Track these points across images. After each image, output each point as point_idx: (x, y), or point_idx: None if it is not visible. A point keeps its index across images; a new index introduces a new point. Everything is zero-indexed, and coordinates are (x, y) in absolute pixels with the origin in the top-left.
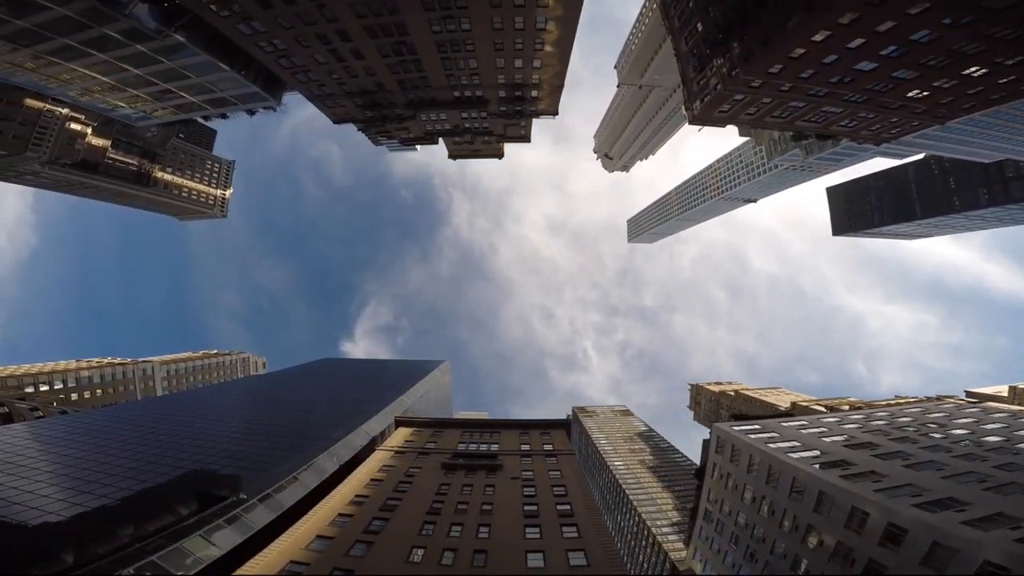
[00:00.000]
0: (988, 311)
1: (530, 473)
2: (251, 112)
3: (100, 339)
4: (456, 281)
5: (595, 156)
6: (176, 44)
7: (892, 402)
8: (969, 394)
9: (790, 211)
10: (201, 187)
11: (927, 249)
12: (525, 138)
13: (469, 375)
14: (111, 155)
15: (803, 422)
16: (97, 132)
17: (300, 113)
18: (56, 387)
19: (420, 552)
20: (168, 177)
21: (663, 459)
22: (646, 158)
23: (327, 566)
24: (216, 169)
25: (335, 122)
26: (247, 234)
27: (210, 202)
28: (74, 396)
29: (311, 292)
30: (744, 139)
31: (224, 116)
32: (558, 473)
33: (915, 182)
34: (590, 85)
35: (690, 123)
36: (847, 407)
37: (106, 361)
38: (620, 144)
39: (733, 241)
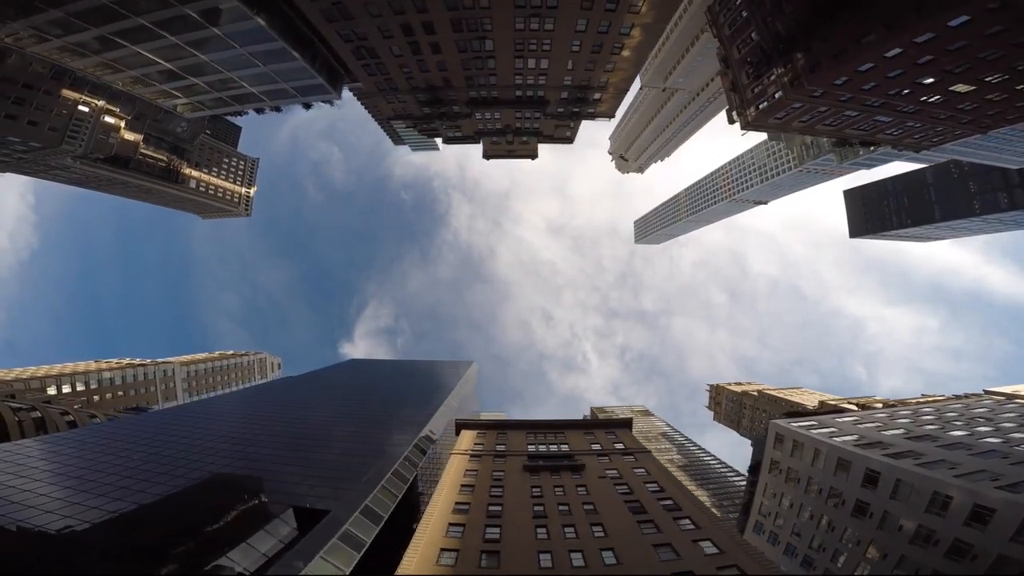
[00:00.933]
0: (989, 314)
1: (615, 471)
2: (307, 106)
3: (100, 340)
4: (456, 283)
5: (610, 158)
6: (252, 29)
7: (922, 400)
8: (988, 393)
9: (791, 214)
10: (227, 184)
11: (928, 252)
12: (569, 139)
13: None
14: (143, 150)
15: (855, 418)
16: (129, 126)
17: (300, 114)
18: (79, 389)
19: (547, 556)
20: (196, 174)
21: (692, 458)
22: (663, 160)
23: None
24: (241, 167)
25: (387, 119)
26: (247, 235)
27: (235, 200)
28: (96, 398)
29: (311, 294)
30: (757, 142)
31: (278, 109)
32: (643, 470)
33: (934, 185)
34: None
35: (742, 128)
36: (879, 405)
37: (126, 362)
38: (638, 146)
39: (733, 244)
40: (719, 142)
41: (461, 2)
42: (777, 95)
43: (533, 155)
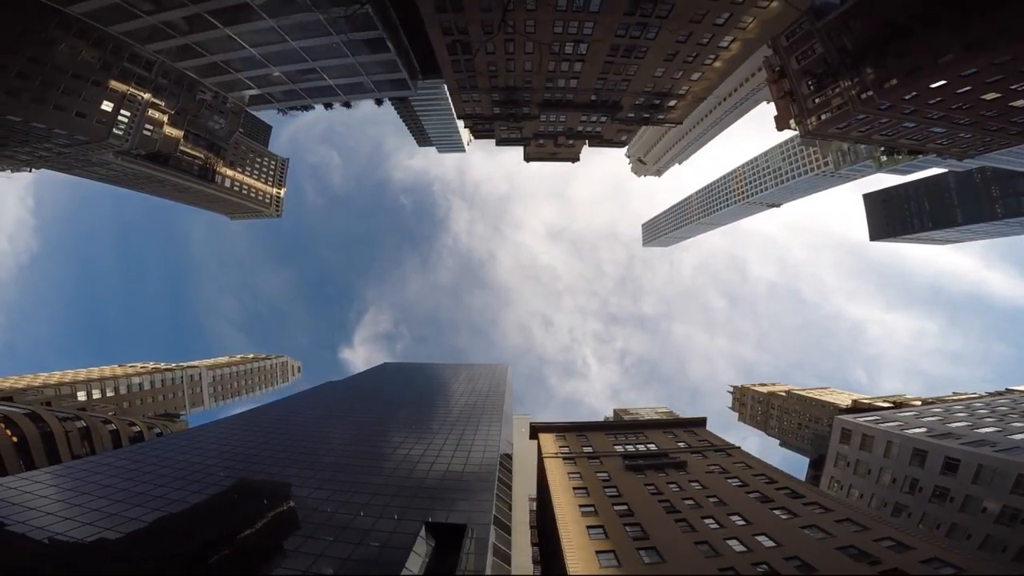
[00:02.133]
0: (988, 318)
1: (717, 466)
2: (379, 101)
3: (100, 344)
4: (455, 288)
5: (627, 161)
6: (357, 16)
7: (954, 397)
8: (1009, 390)
9: (791, 218)
10: (259, 184)
11: (928, 257)
12: (624, 143)
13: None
14: (182, 147)
15: (913, 413)
16: (172, 122)
17: (300, 117)
18: (108, 394)
19: (705, 547)
20: (230, 173)
21: None
22: (680, 163)
23: None
24: (272, 166)
25: (460, 117)
26: (247, 240)
27: (266, 200)
28: (125, 404)
29: (310, 299)
30: (772, 145)
31: (348, 105)
32: (742, 464)
33: (956, 190)
34: None
35: (802, 136)
36: (918, 403)
37: (151, 366)
38: (658, 149)
39: (733, 248)
40: (730, 146)
41: (571, 5)
42: (842, 107)
43: (575, 158)
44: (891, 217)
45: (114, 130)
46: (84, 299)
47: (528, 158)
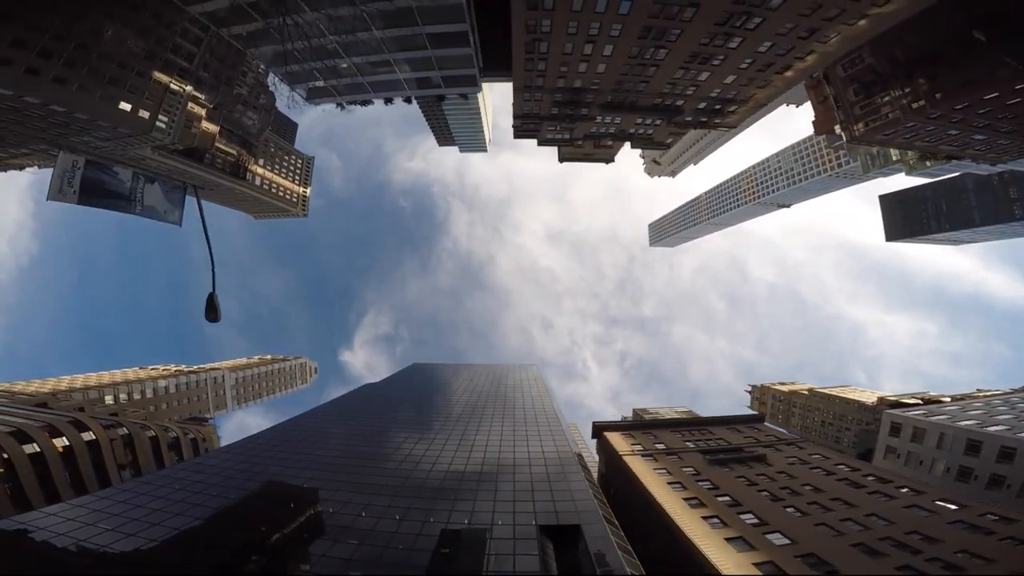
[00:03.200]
0: (988, 319)
1: (795, 458)
2: (441, 98)
3: (101, 347)
4: (455, 291)
5: (641, 162)
6: (451, 6)
7: (979, 394)
8: None
9: (791, 220)
10: (286, 183)
11: (928, 258)
12: (668, 146)
13: None
14: (217, 143)
15: (958, 407)
16: (209, 117)
17: (299, 119)
18: (135, 397)
19: (824, 528)
20: (260, 171)
21: None
22: (696, 164)
23: (794, 567)
24: (298, 165)
25: (517, 117)
26: (246, 242)
27: (293, 200)
28: (152, 408)
29: (310, 301)
30: (783, 146)
31: (409, 101)
32: (818, 455)
33: (974, 191)
34: None
35: (848, 142)
36: (947, 399)
37: (173, 369)
38: (674, 150)
39: (733, 250)
40: (735, 147)
41: (664, 11)
42: (892, 115)
43: (611, 159)
44: (908, 218)
45: (157, 123)
46: (84, 301)
47: (563, 159)
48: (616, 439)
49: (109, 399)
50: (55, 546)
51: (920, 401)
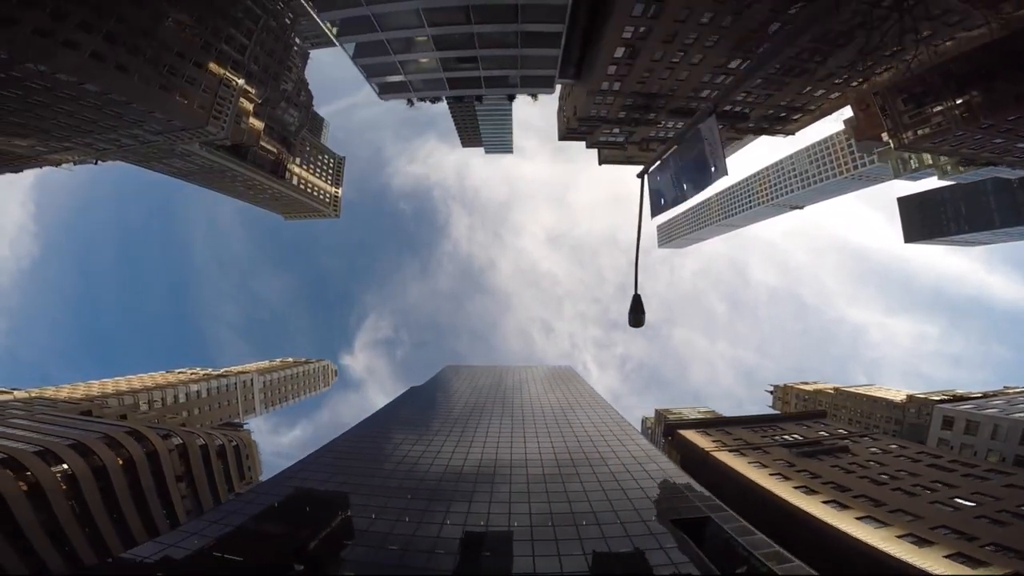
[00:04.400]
0: (989, 321)
1: (876, 448)
2: (511, 98)
3: (102, 350)
4: (455, 294)
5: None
6: (555, 5)
7: (1011, 390)
8: None
9: (791, 223)
10: (320, 183)
11: (929, 261)
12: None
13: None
14: (262, 140)
15: (1004, 400)
16: (255, 112)
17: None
18: (168, 403)
19: (938, 506)
20: (297, 170)
21: None
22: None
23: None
24: (330, 164)
25: (580, 119)
26: (246, 245)
27: (326, 200)
28: (184, 413)
29: (311, 304)
30: (797, 148)
31: (478, 100)
32: (896, 445)
33: (993, 194)
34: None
35: (896, 149)
36: (979, 395)
37: (201, 373)
38: None
39: (734, 253)
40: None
41: (764, 26)
42: (943, 124)
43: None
44: (926, 220)
45: (212, 117)
46: (86, 304)
47: (604, 161)
48: (694, 436)
49: (144, 405)
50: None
51: (950, 398)
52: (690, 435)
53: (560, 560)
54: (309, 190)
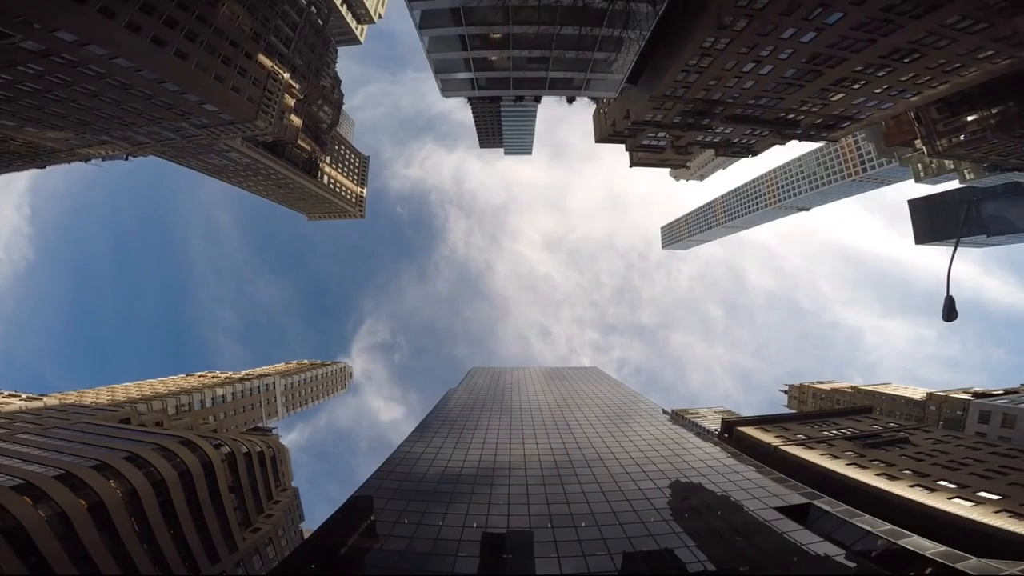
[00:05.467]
0: (986, 324)
1: (931, 439)
2: (571, 100)
3: (99, 354)
4: (453, 299)
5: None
6: (642, 13)
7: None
8: None
9: (791, 227)
10: (347, 182)
11: (926, 264)
12: (756, 153)
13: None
14: (301, 137)
15: None
16: (295, 109)
17: None
18: (195, 408)
19: (1016, 487)
20: (328, 168)
21: None
22: (725, 168)
23: None
24: (356, 163)
25: (635, 122)
26: (243, 250)
27: (352, 199)
28: (211, 418)
29: (308, 309)
30: (805, 151)
31: (537, 100)
32: (949, 436)
33: (1005, 196)
34: (584, 104)
35: (929, 155)
36: (1000, 391)
37: (223, 376)
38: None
39: (730, 258)
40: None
41: (841, 42)
42: (978, 132)
43: (683, 165)
44: (937, 222)
45: (260, 111)
46: (81, 308)
47: (635, 163)
48: (756, 432)
49: (171, 411)
50: None
51: (974, 395)
52: (751, 431)
53: (692, 551)
54: (338, 189)
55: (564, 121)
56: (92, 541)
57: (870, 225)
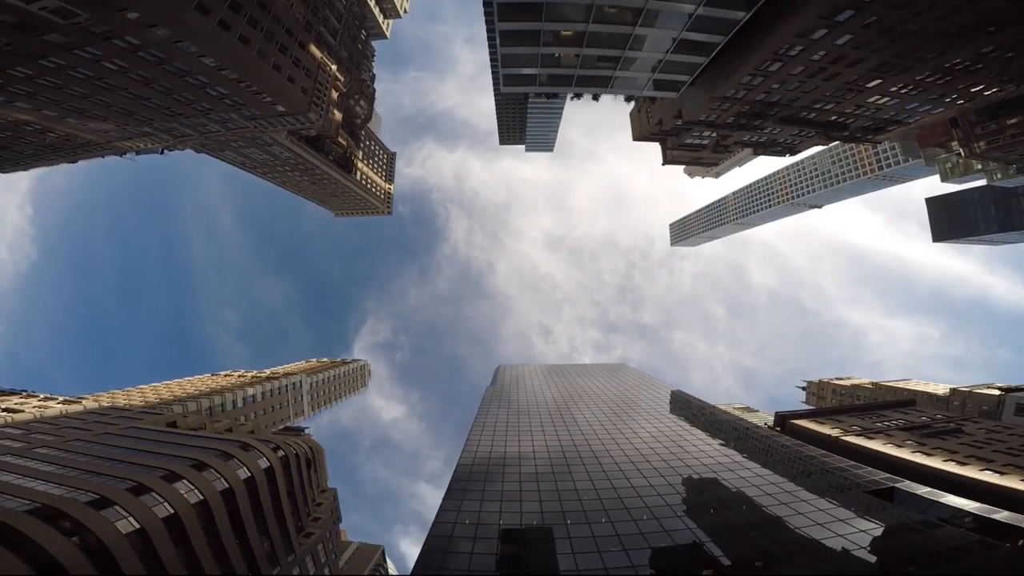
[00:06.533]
0: (990, 323)
1: (982, 428)
2: (596, 97)
3: (101, 354)
4: (454, 298)
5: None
6: (723, 20)
7: None
8: None
9: (790, 226)
10: (377, 178)
11: (930, 263)
12: (795, 152)
13: (469, 391)
14: (339, 132)
15: None
16: (336, 103)
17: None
18: (227, 408)
19: None
20: (361, 164)
21: None
22: (741, 166)
23: None
24: (384, 159)
25: (689, 121)
26: (245, 250)
27: (380, 196)
28: (241, 418)
29: (309, 309)
30: (817, 149)
31: (595, 97)
32: (996, 424)
33: (1022, 195)
34: (585, 101)
35: (966, 156)
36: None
37: (249, 376)
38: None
39: (733, 257)
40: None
41: (910, 52)
42: (1016, 136)
43: (717, 163)
44: (955, 220)
45: (312, 103)
46: (84, 307)
47: (669, 161)
48: (811, 424)
49: (205, 412)
50: None
51: (999, 390)
52: (807, 424)
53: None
54: (368, 185)
55: (566, 120)
56: (169, 557)
57: (872, 223)
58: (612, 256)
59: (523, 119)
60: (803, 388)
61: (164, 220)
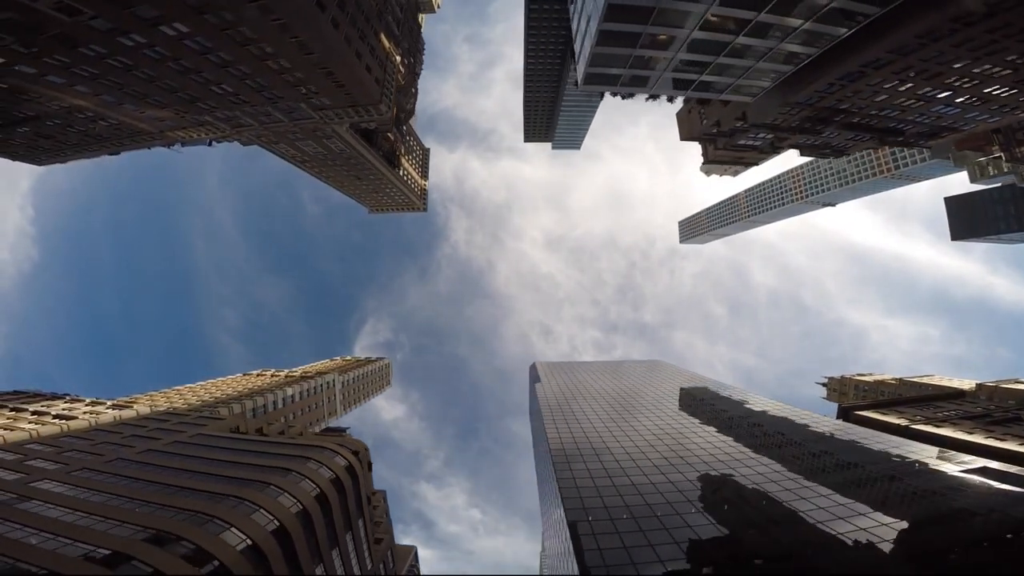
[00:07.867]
0: (992, 323)
1: None
2: (671, 100)
3: (102, 354)
4: (454, 298)
5: (701, 160)
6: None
7: None
8: None
9: (789, 226)
10: (415, 174)
11: (931, 262)
12: (842, 154)
13: (469, 390)
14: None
15: None
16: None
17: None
18: (269, 410)
19: None
20: (403, 160)
21: None
22: (758, 164)
23: None
24: (420, 154)
25: (753, 124)
26: (246, 250)
27: (417, 192)
28: (282, 419)
29: (310, 309)
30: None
31: (670, 100)
32: None
33: None
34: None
35: (1006, 161)
36: None
37: (283, 375)
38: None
39: (734, 256)
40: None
41: (988, 71)
42: None
43: (755, 163)
44: (975, 219)
45: (383, 93)
46: (86, 307)
47: (709, 160)
48: (878, 416)
49: (249, 413)
50: None
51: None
52: (874, 414)
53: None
54: (408, 181)
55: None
56: (281, 572)
57: (874, 223)
58: (612, 255)
59: (551, 117)
60: (823, 384)
61: (164, 220)
